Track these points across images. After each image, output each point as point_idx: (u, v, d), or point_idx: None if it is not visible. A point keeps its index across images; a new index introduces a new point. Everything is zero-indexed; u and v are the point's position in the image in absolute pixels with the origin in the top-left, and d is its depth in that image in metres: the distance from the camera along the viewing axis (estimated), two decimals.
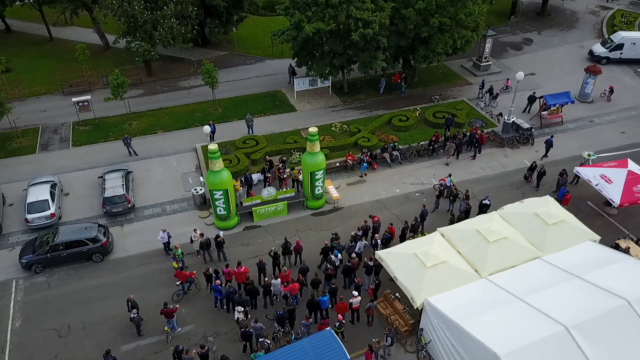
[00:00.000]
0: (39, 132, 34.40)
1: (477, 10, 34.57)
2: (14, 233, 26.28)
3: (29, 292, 23.00)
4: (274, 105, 37.53)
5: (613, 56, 42.47)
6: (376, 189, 29.17)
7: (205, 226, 26.40)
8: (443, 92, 39.19)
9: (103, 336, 20.82)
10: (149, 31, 36.30)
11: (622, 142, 33.23)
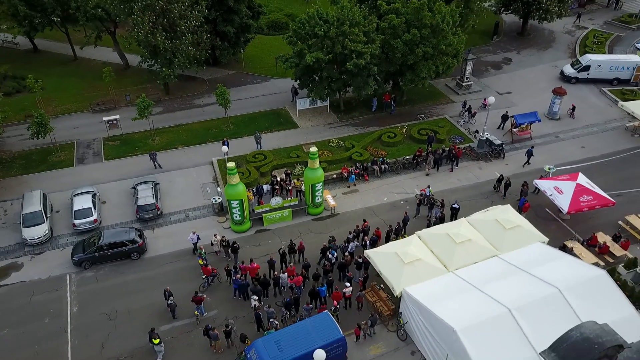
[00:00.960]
0: (74, 147, 39.44)
1: (456, 40, 39.66)
2: (63, 236, 31.33)
3: (81, 284, 28.06)
4: (278, 122, 42.59)
5: (581, 76, 47.55)
6: (367, 198, 34.24)
7: (223, 230, 31.47)
8: (428, 109, 44.28)
9: (145, 319, 25.83)
10: (169, 58, 41.32)
11: (582, 156, 38.29)
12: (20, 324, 25.89)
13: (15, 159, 38.15)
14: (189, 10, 41.09)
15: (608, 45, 55.17)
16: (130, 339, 25.06)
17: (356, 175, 35.29)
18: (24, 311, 26.56)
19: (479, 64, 51.27)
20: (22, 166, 37.37)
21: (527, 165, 36.76)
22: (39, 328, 25.68)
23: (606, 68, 47.00)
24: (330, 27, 37.14)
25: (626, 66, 46.86)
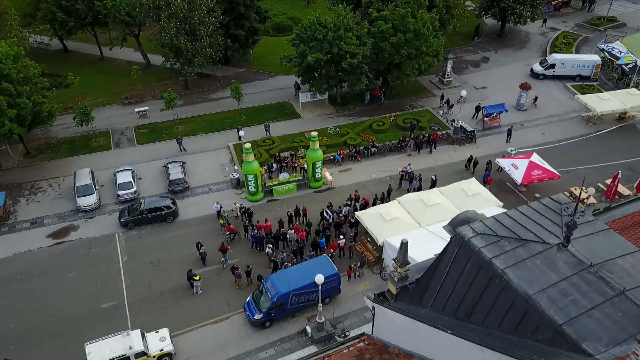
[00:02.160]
0: (110, 134, 46.28)
1: (436, 42, 46.50)
2: (109, 204, 38.20)
3: (127, 240, 34.96)
4: (284, 113, 49.44)
5: (548, 73, 54.39)
6: (359, 175, 41.13)
7: (240, 199, 38.35)
8: (413, 102, 51.16)
9: (181, 265, 32.63)
10: (190, 58, 48.11)
11: (542, 141, 45.15)
12: (84, 269, 32.81)
13: (61, 144, 45.01)
14: (207, 17, 47.82)
15: (576, 45, 61.98)
16: (170, 280, 31.94)
17: (347, 157, 42.17)
18: (85, 260, 33.47)
19: (460, 62, 58.11)
20: (68, 150, 44.23)
21: (509, 140, 43.95)
22: (98, 272, 32.58)
23: (569, 66, 53.86)
24: (328, 31, 43.96)
25: (587, 64, 53.73)
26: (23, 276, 32.52)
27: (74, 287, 31.58)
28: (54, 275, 32.54)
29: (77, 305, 30.39)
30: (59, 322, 29.43)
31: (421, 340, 13.99)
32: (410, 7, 45.61)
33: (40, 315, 29.86)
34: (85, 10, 52.99)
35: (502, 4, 59.01)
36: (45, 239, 35.23)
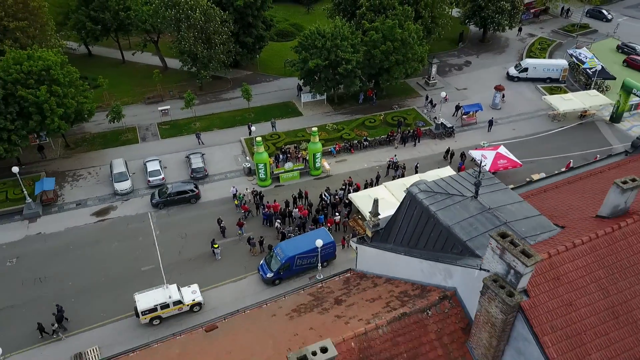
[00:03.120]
0: (137, 130, 53.15)
1: (420, 50, 53.35)
2: (140, 189, 45.10)
3: (159, 218, 41.90)
4: (288, 111, 56.34)
5: (522, 76, 61.30)
6: (353, 165, 48.04)
7: (251, 185, 45.26)
8: (401, 102, 58.07)
9: (204, 237, 39.48)
10: (205, 63, 54.94)
11: (512, 136, 52.04)
12: (124, 240, 39.76)
13: (95, 138, 51.91)
14: (221, 27, 54.65)
15: (550, 51, 68.89)
16: (196, 248, 38.88)
17: (343, 149, 49.11)
18: (125, 233, 40.42)
19: (445, 65, 65.02)
20: (101, 143, 51.14)
21: (490, 130, 51.57)
22: (136, 243, 39.52)
23: (540, 70, 60.78)
24: (327, 40, 50.82)
25: (556, 68, 60.66)
26: (74, 246, 39.46)
27: (118, 255, 38.52)
28: (100, 245, 39.50)
29: (122, 269, 37.33)
30: (108, 281, 36.36)
31: (387, 265, 20.76)
32: (398, 18, 52.55)
33: (92, 276, 36.79)
34: (111, 20, 59.79)
35: (483, 14, 65.86)
36: (89, 217, 42.22)
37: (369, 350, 15.86)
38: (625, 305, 15.55)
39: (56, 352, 31.64)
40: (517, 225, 18.01)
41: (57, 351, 31.68)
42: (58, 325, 32.67)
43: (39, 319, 32.64)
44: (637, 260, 16.23)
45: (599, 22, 77.60)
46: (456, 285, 17.31)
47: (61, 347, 32.03)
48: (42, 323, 32.39)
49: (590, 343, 14.80)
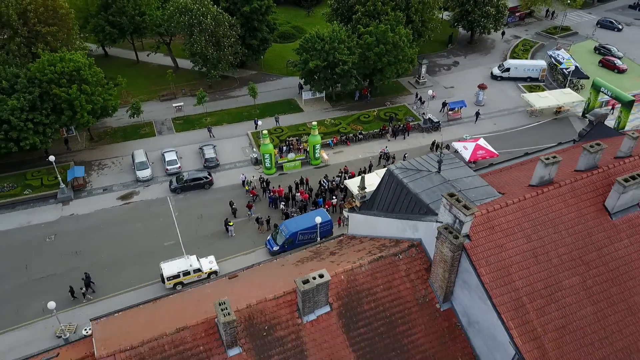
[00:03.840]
0: (154, 124, 58.69)
1: (411, 52, 58.84)
2: (159, 177, 50.65)
3: (177, 202, 47.48)
4: (290, 108, 61.89)
5: (504, 76, 66.81)
6: (348, 155, 53.60)
7: (258, 173, 50.82)
8: (394, 99, 63.60)
9: (218, 218, 45.07)
10: (215, 63, 60.45)
11: (493, 129, 57.60)
12: (147, 221, 45.34)
13: (116, 131, 57.46)
14: (229, 31, 60.14)
15: (532, 52, 74.37)
16: (211, 227, 44.47)
17: (339, 142, 54.71)
18: (147, 215, 46.01)
19: (434, 65, 70.54)
20: (122, 136, 56.69)
21: (477, 121, 57.23)
22: (158, 223, 45.09)
23: (521, 70, 66.31)
24: (325, 43, 56.31)
25: (535, 68, 66.19)
26: (103, 225, 45.06)
27: (142, 233, 44.12)
28: (126, 225, 45.09)
29: (146, 244, 42.91)
30: (135, 254, 41.95)
31: (371, 227, 26.27)
32: (390, 23, 58.06)
33: (121, 250, 42.38)
34: (128, 24, 65.22)
35: (470, 18, 71.35)
36: (115, 200, 47.83)
37: (354, 282, 21.48)
38: (543, 248, 21.13)
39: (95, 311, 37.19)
40: (468, 193, 23.62)
41: (96, 310, 37.23)
42: (86, 289, 38.30)
43: (75, 285, 38.26)
44: (555, 216, 21.81)
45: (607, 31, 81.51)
46: (421, 237, 22.93)
47: (98, 307, 37.58)
48: (72, 287, 37.98)
49: (514, 274, 20.38)
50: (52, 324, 36.05)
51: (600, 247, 21.78)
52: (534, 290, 20.35)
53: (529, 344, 19.46)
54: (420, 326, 21.50)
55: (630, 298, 21.34)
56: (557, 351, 19.71)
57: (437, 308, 21.99)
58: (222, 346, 19.22)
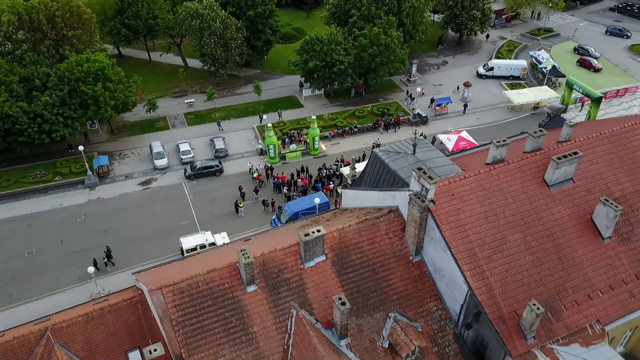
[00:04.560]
0: (167, 119, 64.49)
1: (401, 53, 64.60)
2: (174, 165, 56.47)
3: (191, 187, 53.30)
4: (291, 104, 67.69)
5: (489, 74, 72.57)
6: (344, 146, 59.41)
7: (263, 162, 56.64)
8: (386, 96, 69.40)
9: (228, 201, 50.85)
10: (222, 63, 66.21)
11: (476, 123, 63.40)
12: (165, 203, 51.15)
13: (134, 125, 63.25)
14: (235, 33, 65.87)
15: (516, 52, 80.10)
16: (223, 209, 50.29)
17: (336, 134, 60.55)
18: (165, 198, 51.83)
19: (425, 65, 76.30)
20: (139, 129, 62.49)
21: (465, 111, 63.48)
22: (175, 205, 50.91)
23: (504, 69, 72.08)
24: (323, 45, 62.06)
25: (517, 67, 71.97)
26: (126, 207, 50.89)
27: (161, 214, 49.94)
28: (146, 207, 50.92)
29: (166, 223, 48.71)
30: (156, 232, 47.73)
31: (359, 199, 32.02)
32: (382, 26, 63.81)
33: (143, 229, 48.17)
34: (142, 27, 70.94)
35: (458, 20, 77.08)
36: (136, 186, 53.67)
37: (345, 238, 27.30)
38: (492, 211, 26.92)
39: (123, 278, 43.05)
40: (437, 169, 29.49)
41: (124, 278, 43.09)
42: (107, 261, 44.05)
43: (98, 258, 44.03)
44: (503, 187, 27.60)
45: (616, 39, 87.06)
46: (398, 204, 28.75)
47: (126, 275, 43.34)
48: (95, 259, 43.69)
49: (469, 230, 26.19)
50: (88, 289, 41.93)
51: (539, 212, 27.63)
52: (484, 243, 26.18)
53: (479, 283, 25.31)
54: (396, 273, 27.34)
55: (561, 251, 27.20)
56: (500, 289, 25.56)
57: (410, 260, 27.84)
58: (242, 284, 25.06)
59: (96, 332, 25.70)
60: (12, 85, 51.80)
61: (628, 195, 29.39)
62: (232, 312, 24.52)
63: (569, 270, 26.96)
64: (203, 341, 23.75)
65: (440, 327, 27.11)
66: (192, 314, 24.09)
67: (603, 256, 27.68)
